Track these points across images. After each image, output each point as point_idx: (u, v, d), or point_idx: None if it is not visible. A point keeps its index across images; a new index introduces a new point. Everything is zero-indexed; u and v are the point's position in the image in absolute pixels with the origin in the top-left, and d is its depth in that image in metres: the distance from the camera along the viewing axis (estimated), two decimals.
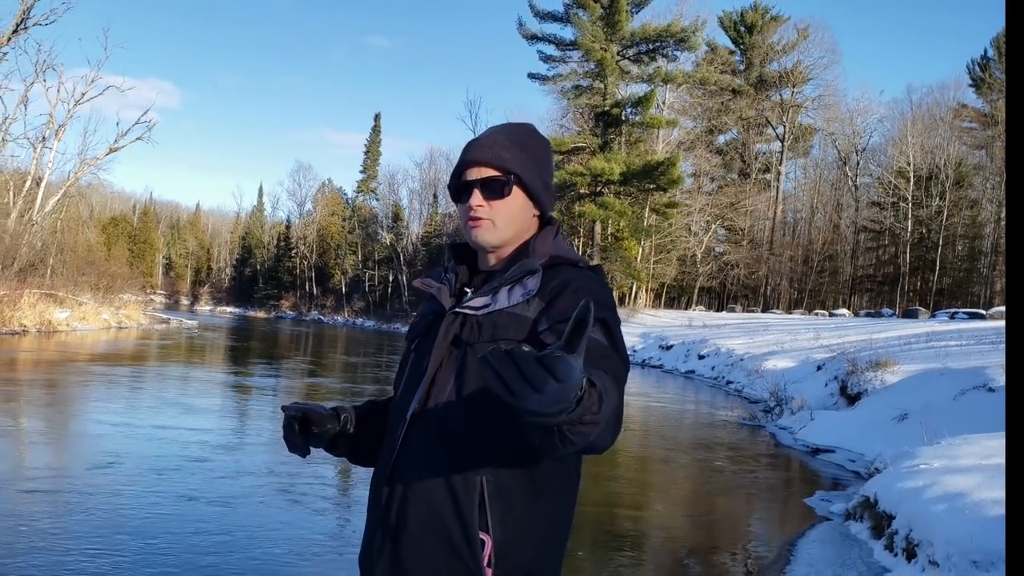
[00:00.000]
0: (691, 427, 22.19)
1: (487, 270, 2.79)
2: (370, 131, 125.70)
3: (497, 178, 2.69)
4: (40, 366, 28.63)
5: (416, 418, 2.60)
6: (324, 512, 11.19)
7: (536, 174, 2.76)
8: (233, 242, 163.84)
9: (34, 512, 9.92)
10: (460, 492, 2.49)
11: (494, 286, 2.64)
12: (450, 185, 2.83)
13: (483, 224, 2.69)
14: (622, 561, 9.79)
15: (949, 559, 8.02)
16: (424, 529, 2.51)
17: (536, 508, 2.55)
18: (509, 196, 2.71)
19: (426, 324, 2.80)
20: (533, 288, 2.59)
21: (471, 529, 2.47)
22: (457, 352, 2.60)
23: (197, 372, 31.53)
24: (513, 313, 2.57)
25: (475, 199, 2.68)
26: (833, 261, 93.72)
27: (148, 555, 8.52)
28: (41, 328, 43.55)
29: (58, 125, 57.63)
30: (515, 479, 2.53)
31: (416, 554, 2.52)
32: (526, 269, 2.62)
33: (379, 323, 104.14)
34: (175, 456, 13.91)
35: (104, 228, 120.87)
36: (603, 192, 65.13)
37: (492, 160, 2.68)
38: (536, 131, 2.91)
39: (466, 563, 2.47)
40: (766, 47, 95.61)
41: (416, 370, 2.72)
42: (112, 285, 63.53)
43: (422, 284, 2.88)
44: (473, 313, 2.62)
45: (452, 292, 2.78)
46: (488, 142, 2.72)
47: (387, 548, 2.58)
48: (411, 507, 2.55)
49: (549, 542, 2.61)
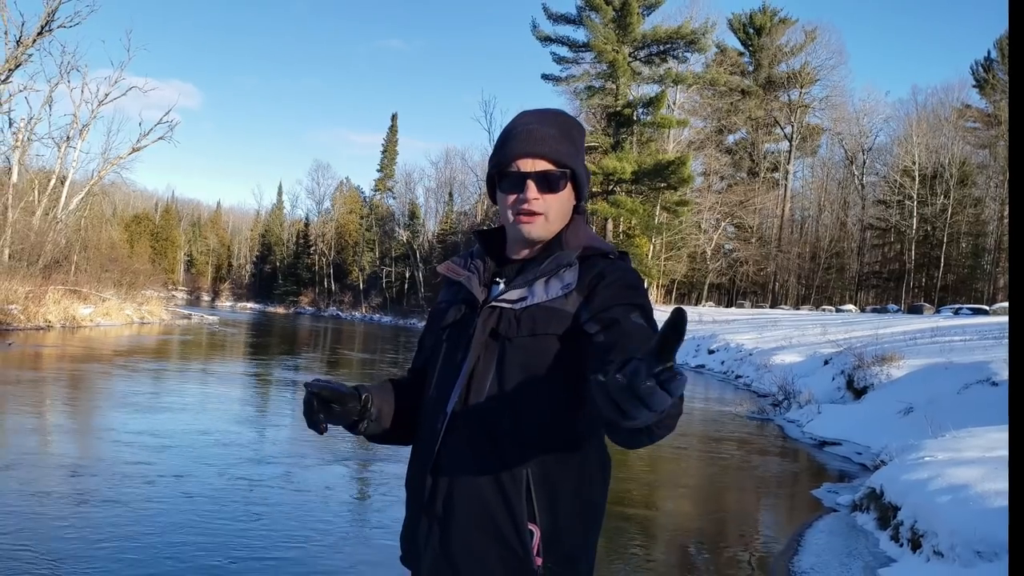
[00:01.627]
0: (701, 420, 22.15)
1: (517, 259, 2.75)
2: (387, 131, 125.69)
3: (554, 172, 2.63)
4: (64, 360, 28.66)
5: (457, 413, 2.58)
6: (347, 501, 11.23)
7: (583, 167, 2.72)
8: (253, 239, 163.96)
9: (66, 505, 9.95)
10: (507, 485, 2.50)
11: (529, 279, 2.61)
12: (491, 173, 2.75)
13: (537, 220, 2.64)
14: (634, 550, 9.79)
15: (953, 549, 8.02)
16: (473, 521, 2.52)
17: (578, 495, 2.57)
18: (563, 190, 2.66)
19: (457, 314, 2.76)
20: (572, 282, 2.57)
21: (520, 521, 2.48)
22: (495, 345, 2.58)
23: (219, 367, 31.61)
24: (552, 308, 2.54)
25: (531, 192, 2.62)
26: (840, 258, 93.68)
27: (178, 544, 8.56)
28: (65, 323, 43.58)
29: (82, 125, 58.01)
30: (558, 469, 2.54)
31: (465, 545, 2.53)
32: (563, 262, 2.59)
33: (396, 319, 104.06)
34: (204, 447, 13.95)
35: (127, 226, 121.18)
36: (615, 190, 65.12)
37: (550, 154, 2.61)
38: (575, 120, 2.83)
39: (516, 553, 2.48)
40: (774, 49, 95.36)
41: (451, 363, 2.68)
42: (135, 281, 63.63)
43: (447, 270, 2.85)
44: (510, 306, 2.59)
45: (482, 281, 2.74)
46: (542, 134, 2.64)
47: (435, 538, 2.58)
48: (458, 499, 2.55)
49: (590, 526, 2.64)
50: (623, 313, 2.45)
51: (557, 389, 2.51)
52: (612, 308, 2.47)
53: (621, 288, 2.54)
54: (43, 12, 49.29)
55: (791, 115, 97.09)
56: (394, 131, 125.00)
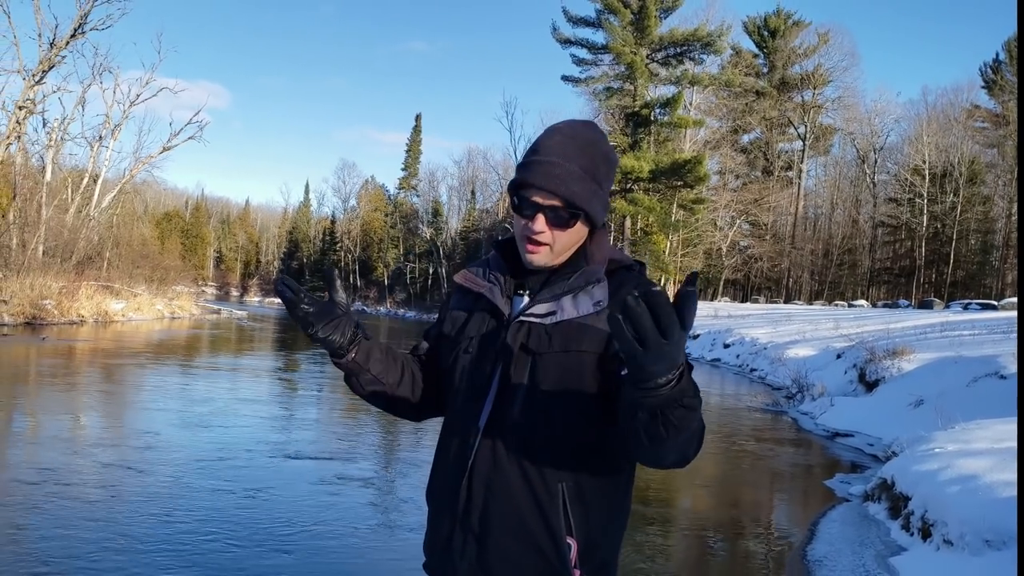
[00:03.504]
0: (717, 412, 22.12)
1: (538, 270, 2.66)
2: (411, 131, 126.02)
3: (564, 213, 2.54)
4: (98, 354, 28.80)
5: (489, 427, 2.55)
6: (368, 494, 11.28)
7: (601, 201, 2.63)
8: (281, 236, 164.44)
9: (98, 493, 10.03)
10: (543, 499, 2.49)
11: (556, 293, 2.57)
12: (512, 189, 2.64)
13: (542, 250, 2.58)
14: (652, 539, 9.80)
15: (963, 538, 8.02)
16: (510, 534, 2.50)
17: (611, 508, 2.58)
18: (573, 227, 2.58)
19: (482, 326, 2.70)
20: (602, 299, 2.53)
21: (559, 535, 2.47)
22: (525, 359, 2.54)
23: (250, 360, 31.70)
24: (584, 324, 2.51)
25: (538, 224, 2.54)
26: (852, 254, 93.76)
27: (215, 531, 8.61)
28: (98, 318, 43.92)
29: (114, 125, 58.31)
30: (592, 483, 2.53)
31: (503, 558, 2.52)
32: (591, 279, 2.56)
33: (420, 314, 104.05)
34: (229, 439, 14.02)
35: (158, 223, 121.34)
36: (633, 189, 64.94)
37: (564, 194, 2.51)
38: (606, 150, 2.67)
39: (554, 566, 2.48)
40: (788, 51, 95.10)
41: (478, 375, 2.63)
42: (165, 277, 64.01)
43: (465, 280, 2.79)
44: (539, 321, 2.55)
45: (504, 292, 2.69)
46: (560, 172, 2.52)
47: (471, 550, 2.56)
48: (494, 513, 2.52)
49: (620, 532, 2.66)
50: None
51: (589, 405, 2.49)
52: None
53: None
54: (76, 15, 49.58)
55: (804, 115, 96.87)
56: (418, 131, 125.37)
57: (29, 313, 37.65)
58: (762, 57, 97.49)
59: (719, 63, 77.91)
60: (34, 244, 46.41)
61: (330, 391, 22.01)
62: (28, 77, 48.34)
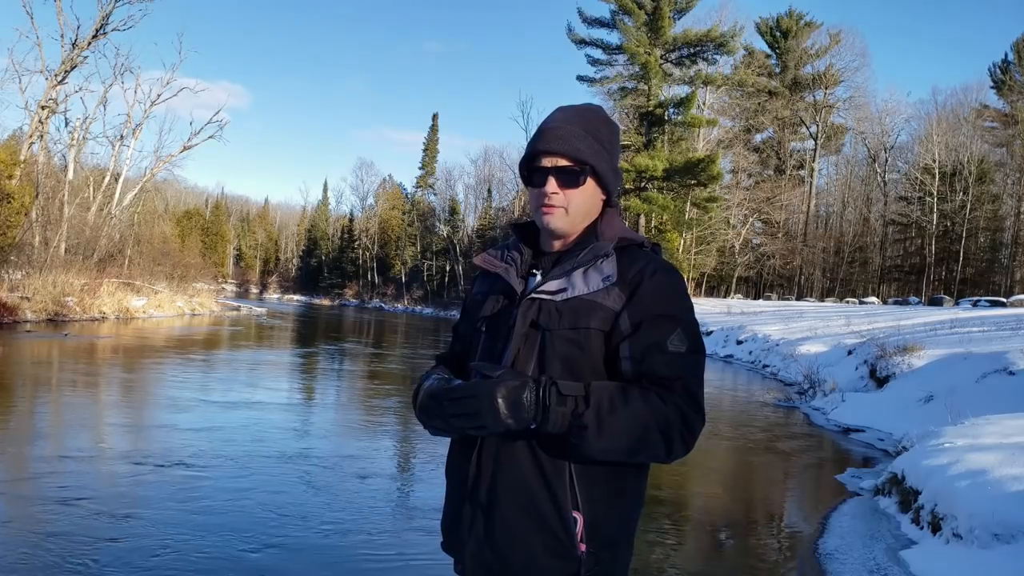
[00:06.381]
0: (730, 408, 22.12)
1: (553, 251, 2.74)
2: (428, 130, 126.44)
3: (572, 168, 2.63)
4: (119, 350, 28.87)
5: None
6: (390, 487, 11.30)
7: (608, 163, 2.71)
8: (300, 234, 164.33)
9: (124, 488, 10.06)
10: (550, 473, 2.50)
11: (567, 269, 2.60)
12: (522, 167, 2.74)
13: (556, 212, 2.65)
14: (666, 532, 9.80)
15: (972, 532, 8.02)
16: (517, 508, 2.53)
17: (618, 483, 2.58)
18: (583, 185, 2.66)
19: (496, 305, 2.75)
20: (611, 273, 2.57)
21: (564, 509, 2.49)
22: (535, 336, 2.57)
23: (270, 355, 31.75)
24: (593, 301, 2.54)
25: (550, 186, 2.63)
26: (863, 252, 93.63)
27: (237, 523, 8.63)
28: (119, 315, 43.96)
29: (135, 124, 58.53)
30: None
31: (509, 532, 2.54)
32: (599, 253, 2.59)
33: (437, 310, 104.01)
34: (251, 434, 14.05)
35: (178, 221, 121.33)
36: (647, 187, 65.06)
37: (569, 152, 2.61)
38: (606, 116, 2.83)
39: (560, 540, 2.50)
40: (800, 51, 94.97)
41: (491, 353, 2.66)
42: (186, 274, 64.20)
43: (484, 262, 2.84)
44: (550, 298, 2.58)
45: (519, 273, 2.74)
46: (563, 132, 2.65)
47: (479, 525, 2.59)
48: (502, 487, 2.55)
49: (630, 511, 2.66)
50: (662, 337, 2.50)
51: (597, 381, 2.50)
52: (652, 329, 2.50)
53: (662, 295, 2.56)
54: (98, 16, 49.73)
55: (816, 115, 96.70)
56: (435, 130, 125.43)
57: (52, 310, 37.71)
58: (774, 57, 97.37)
59: (732, 63, 78.19)
60: (56, 242, 46.52)
61: (348, 387, 22.02)
62: (51, 77, 48.53)
